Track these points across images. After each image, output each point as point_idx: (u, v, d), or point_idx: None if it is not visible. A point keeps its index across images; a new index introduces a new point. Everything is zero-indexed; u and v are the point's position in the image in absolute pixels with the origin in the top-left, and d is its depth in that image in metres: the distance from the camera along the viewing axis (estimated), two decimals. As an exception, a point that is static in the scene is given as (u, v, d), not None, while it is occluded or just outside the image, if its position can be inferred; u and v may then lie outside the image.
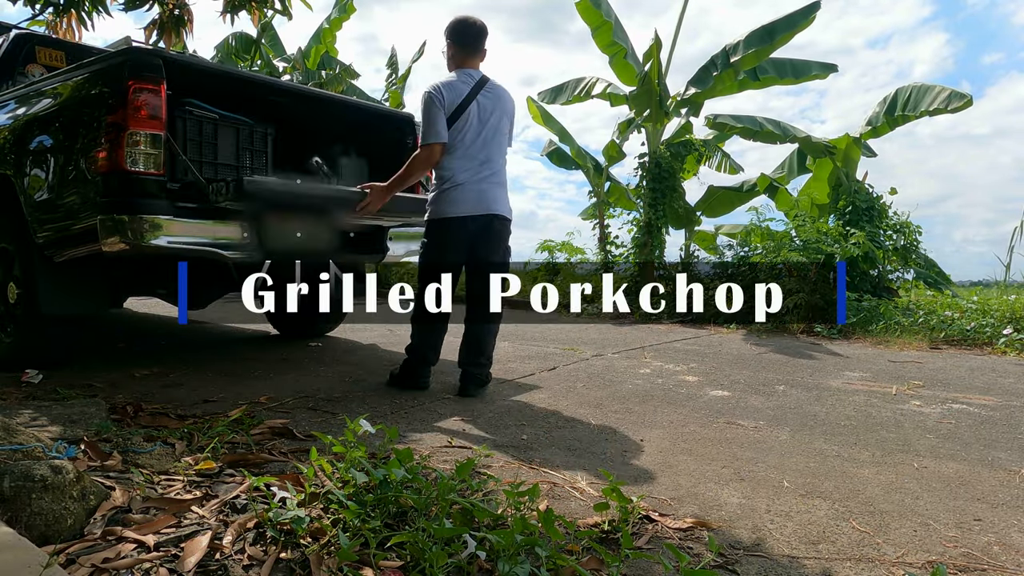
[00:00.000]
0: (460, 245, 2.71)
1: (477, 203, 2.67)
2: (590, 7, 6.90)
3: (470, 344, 2.79)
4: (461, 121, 2.65)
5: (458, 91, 2.66)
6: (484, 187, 2.68)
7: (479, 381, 2.78)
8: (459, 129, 2.65)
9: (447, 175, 2.68)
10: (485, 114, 2.69)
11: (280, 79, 8.73)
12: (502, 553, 1.17)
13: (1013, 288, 6.42)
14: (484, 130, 2.69)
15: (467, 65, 2.76)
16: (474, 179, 2.67)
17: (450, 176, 2.67)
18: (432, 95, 2.63)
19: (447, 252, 2.71)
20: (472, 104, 2.66)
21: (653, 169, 6.89)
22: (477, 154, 2.67)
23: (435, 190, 2.73)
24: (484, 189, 2.68)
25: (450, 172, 2.67)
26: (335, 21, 9.61)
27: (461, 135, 2.65)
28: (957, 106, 5.92)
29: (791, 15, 6.36)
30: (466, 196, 2.65)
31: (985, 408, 2.67)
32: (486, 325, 2.80)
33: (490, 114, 2.71)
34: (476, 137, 2.67)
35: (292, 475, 1.57)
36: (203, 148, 3.09)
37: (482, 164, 2.69)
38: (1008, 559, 1.36)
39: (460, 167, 2.66)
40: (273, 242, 2.81)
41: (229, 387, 2.79)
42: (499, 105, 2.74)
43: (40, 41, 3.93)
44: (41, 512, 1.25)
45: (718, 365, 3.61)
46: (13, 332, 3.00)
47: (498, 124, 2.74)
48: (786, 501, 1.64)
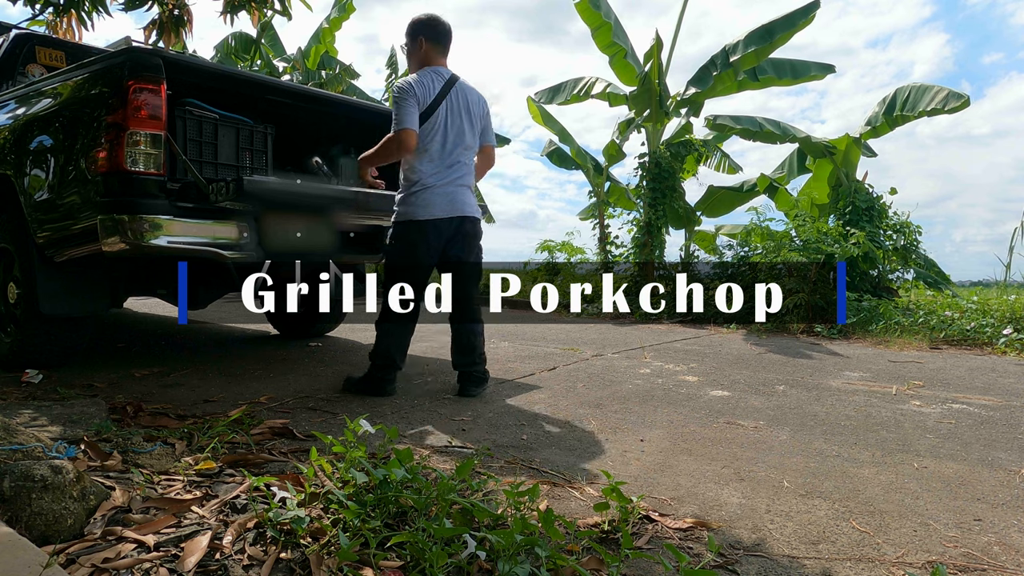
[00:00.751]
0: (432, 247, 2.69)
1: (449, 206, 2.66)
2: (589, 8, 6.90)
3: (461, 345, 2.79)
4: (431, 123, 2.62)
5: (430, 88, 2.64)
6: (452, 190, 2.67)
7: (477, 380, 2.79)
8: (430, 131, 2.63)
9: (416, 177, 2.65)
10: (455, 115, 2.68)
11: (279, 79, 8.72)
12: (502, 553, 1.17)
13: (1013, 288, 6.43)
14: (453, 132, 2.67)
15: (436, 63, 2.74)
16: (443, 182, 2.65)
17: (419, 179, 2.65)
18: (405, 87, 2.61)
19: (419, 254, 2.68)
20: (443, 104, 2.65)
21: (653, 169, 6.90)
22: (447, 157, 2.66)
23: (403, 192, 2.70)
24: (453, 192, 2.67)
25: (419, 175, 2.65)
26: (335, 21, 9.62)
27: (431, 137, 2.63)
28: (955, 106, 5.92)
29: (791, 14, 6.37)
30: (437, 199, 2.64)
31: (985, 408, 2.67)
32: (472, 324, 2.80)
33: (460, 115, 2.69)
34: (445, 140, 2.65)
35: (292, 475, 1.57)
36: (203, 148, 3.09)
37: (451, 167, 2.67)
38: (1008, 559, 1.36)
39: (429, 170, 2.64)
40: (273, 242, 2.81)
41: (229, 387, 2.79)
42: (469, 105, 2.73)
43: (40, 41, 3.93)
44: (41, 512, 1.25)
45: (718, 365, 3.61)
46: (13, 332, 3.00)
47: (467, 125, 2.72)
48: (786, 501, 1.64)
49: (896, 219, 6.15)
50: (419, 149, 2.63)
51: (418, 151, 2.64)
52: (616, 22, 7.09)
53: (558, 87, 7.91)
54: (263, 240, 2.76)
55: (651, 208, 6.85)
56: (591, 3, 6.88)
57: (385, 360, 2.70)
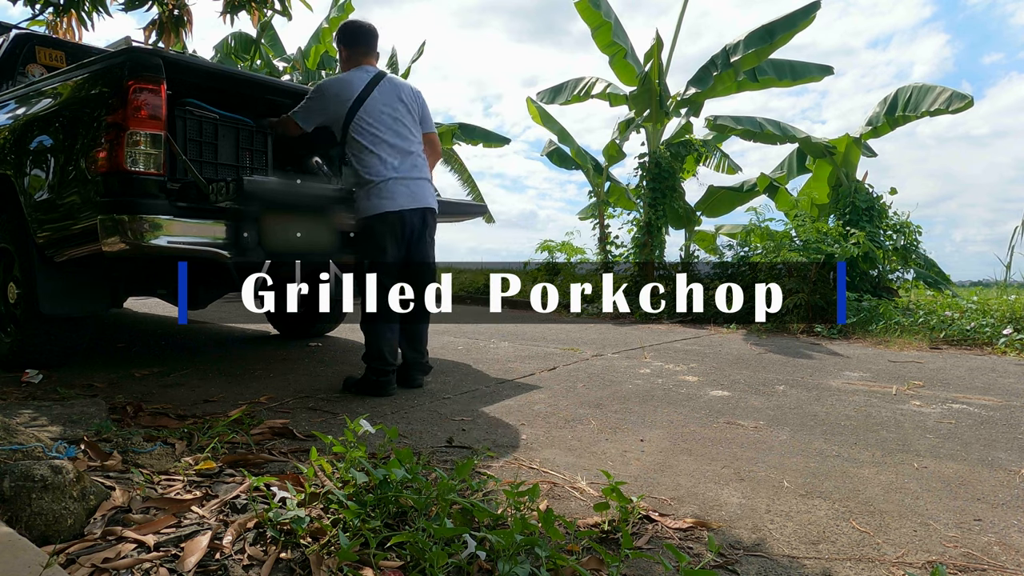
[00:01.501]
0: (401, 240, 2.72)
1: (411, 197, 2.70)
2: (589, 7, 6.90)
3: (412, 339, 2.85)
4: (369, 112, 2.67)
5: (357, 82, 2.71)
6: (409, 181, 2.71)
7: (424, 369, 2.89)
8: (373, 121, 2.68)
9: (370, 172, 2.68)
10: (389, 105, 2.73)
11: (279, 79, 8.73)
12: (502, 553, 1.17)
13: (1013, 288, 6.43)
14: (394, 123, 2.72)
15: (363, 64, 2.82)
16: (398, 175, 2.69)
17: (375, 172, 2.67)
18: (321, 85, 2.74)
19: (389, 247, 2.71)
20: (374, 94, 2.70)
21: (653, 169, 6.90)
22: (393, 149, 2.70)
23: (360, 187, 2.73)
24: (410, 183, 2.71)
25: (374, 169, 2.68)
26: (334, 21, 9.63)
27: (375, 127, 2.68)
28: (958, 107, 5.92)
29: (791, 15, 6.37)
30: (398, 190, 2.67)
31: (985, 408, 2.67)
32: (426, 320, 2.89)
33: (395, 104, 2.75)
34: (386, 131, 2.70)
35: (292, 475, 1.57)
36: (203, 148, 3.09)
37: (403, 158, 2.72)
38: (1008, 559, 1.36)
39: (381, 165, 2.68)
40: (273, 242, 2.81)
41: (229, 387, 2.79)
42: (401, 95, 2.78)
43: (40, 41, 3.93)
44: (41, 512, 1.25)
45: (718, 365, 3.61)
46: (13, 332, 3.00)
47: (405, 111, 2.77)
48: (786, 501, 1.64)
49: (896, 219, 6.15)
50: (368, 145, 2.67)
51: (366, 147, 2.67)
52: (616, 22, 7.09)
53: (559, 87, 7.91)
54: (263, 240, 2.76)
55: (651, 208, 6.85)
56: (591, 2, 6.88)
57: (379, 361, 2.71)
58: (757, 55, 6.44)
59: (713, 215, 8.32)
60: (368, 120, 2.68)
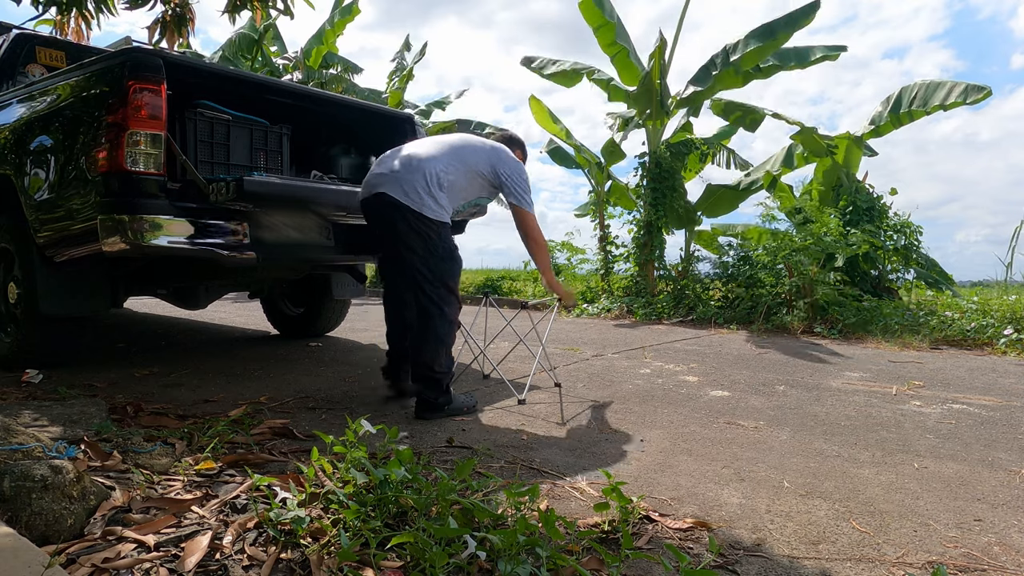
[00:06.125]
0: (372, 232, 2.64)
1: (363, 184, 2.52)
2: (592, 7, 6.90)
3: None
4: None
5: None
6: (377, 171, 2.49)
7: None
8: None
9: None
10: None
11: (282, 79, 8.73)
12: (502, 553, 1.17)
13: (1014, 288, 6.42)
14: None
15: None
16: (375, 168, 2.51)
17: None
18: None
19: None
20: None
21: (653, 169, 6.89)
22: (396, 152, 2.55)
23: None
24: (375, 172, 2.49)
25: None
26: (339, 24, 9.63)
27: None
28: (976, 98, 5.84)
29: (791, 14, 6.36)
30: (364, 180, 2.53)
31: (985, 408, 2.67)
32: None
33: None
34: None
35: (292, 475, 1.57)
36: (215, 149, 3.09)
37: (394, 154, 2.53)
38: (1008, 559, 1.36)
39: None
40: (273, 241, 2.81)
41: (229, 387, 2.79)
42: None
43: (40, 41, 3.93)
44: (41, 512, 1.25)
45: (718, 365, 3.61)
46: (13, 332, 3.00)
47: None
48: (786, 501, 1.64)
49: (897, 219, 6.15)
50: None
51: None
52: (619, 22, 7.09)
53: (554, 61, 7.75)
54: (263, 240, 2.76)
55: (652, 208, 6.84)
56: (594, 2, 6.87)
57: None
58: (758, 54, 6.42)
59: (713, 215, 8.29)
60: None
